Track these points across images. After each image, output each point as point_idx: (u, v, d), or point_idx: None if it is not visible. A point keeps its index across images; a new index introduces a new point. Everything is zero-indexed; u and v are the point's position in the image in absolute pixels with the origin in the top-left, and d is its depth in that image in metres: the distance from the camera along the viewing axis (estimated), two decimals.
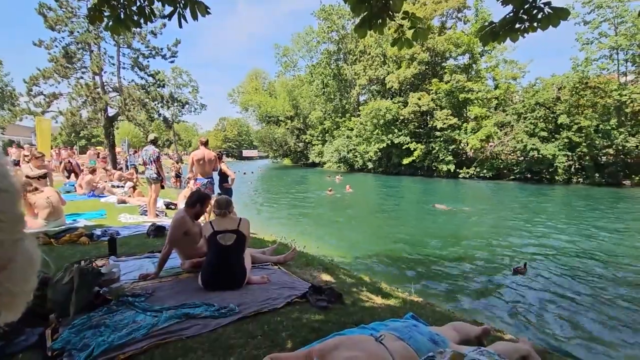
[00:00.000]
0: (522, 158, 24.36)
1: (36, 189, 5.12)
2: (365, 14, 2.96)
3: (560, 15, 2.42)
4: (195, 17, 2.84)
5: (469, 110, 27.48)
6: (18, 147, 14.41)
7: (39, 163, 7.61)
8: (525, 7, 2.48)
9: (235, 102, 61.26)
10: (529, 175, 23.96)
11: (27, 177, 6.23)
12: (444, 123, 27.39)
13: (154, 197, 6.75)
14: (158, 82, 23.18)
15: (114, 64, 21.08)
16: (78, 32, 18.64)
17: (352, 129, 36.17)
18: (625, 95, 20.09)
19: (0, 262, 0.37)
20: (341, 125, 39.09)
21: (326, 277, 3.73)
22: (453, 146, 27.79)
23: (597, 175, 21.21)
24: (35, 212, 5.06)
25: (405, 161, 29.80)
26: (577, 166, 22.16)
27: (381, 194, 19.92)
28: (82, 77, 19.69)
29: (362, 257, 7.43)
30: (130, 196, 9.36)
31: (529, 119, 23.94)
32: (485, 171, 25.90)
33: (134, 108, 21.21)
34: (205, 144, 6.50)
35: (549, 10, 2.42)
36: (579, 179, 21.99)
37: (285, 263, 3.97)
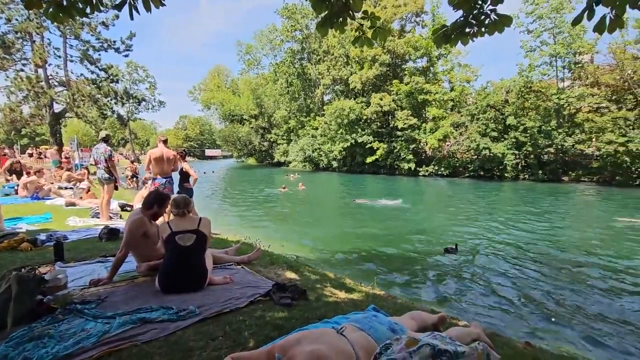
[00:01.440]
0: (476, 157, 25.92)
1: None
2: (326, 12, 2.99)
3: (504, 22, 2.61)
4: (148, 9, 2.70)
5: (428, 111, 28.75)
6: None
7: None
8: (474, 12, 2.65)
9: (196, 99, 59.22)
10: (481, 173, 25.56)
11: None
12: (405, 123, 28.42)
13: (106, 199, 6.35)
14: (111, 77, 21.82)
15: (60, 56, 19.52)
16: (17, 20, 17.01)
17: (316, 128, 36.39)
18: (563, 99, 22.07)
19: None
20: (306, 125, 39.18)
21: (291, 275, 3.73)
22: (413, 145, 28.92)
23: (540, 172, 23.09)
24: None
25: (369, 160, 30.53)
26: (523, 164, 23.97)
27: (337, 191, 20.25)
28: (22, 70, 18.04)
29: (328, 254, 7.52)
30: (81, 198, 8.72)
31: (481, 120, 25.53)
32: (443, 169, 27.24)
33: (84, 104, 19.79)
34: (165, 142, 6.22)
35: (495, 17, 2.60)
36: (525, 176, 23.80)
37: (249, 263, 3.91)
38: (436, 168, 27.63)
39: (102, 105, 21.19)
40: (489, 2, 2.61)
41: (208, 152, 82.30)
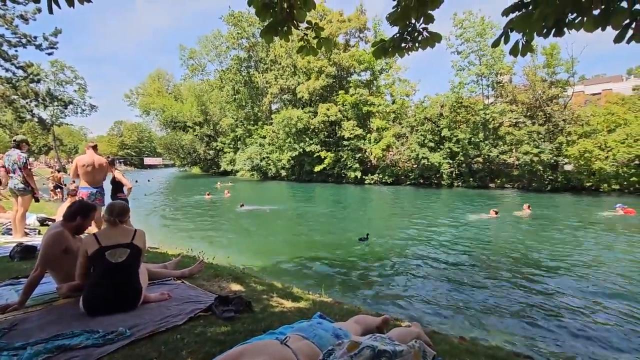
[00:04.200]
0: (416, 165, 27.67)
1: None
2: (270, 20, 3.01)
3: (435, 38, 2.87)
4: (71, 4, 2.47)
5: (372, 122, 30.12)
6: None
7: None
8: (409, 29, 2.87)
9: (134, 104, 55.08)
10: (421, 181, 27.32)
11: None
12: (351, 133, 29.42)
13: (21, 212, 5.57)
14: (31, 77, 19.45)
15: None
16: None
17: (264, 137, 36.04)
18: (488, 114, 24.64)
19: None
20: (254, 133, 38.61)
21: (236, 287, 3.59)
22: (359, 155, 30.00)
23: (471, 179, 25.36)
24: None
25: (317, 169, 30.95)
26: (456, 172, 26.13)
27: (275, 200, 20.29)
28: None
29: (276, 263, 7.41)
30: None
31: (420, 132, 27.42)
32: (386, 177, 28.60)
33: None
34: (95, 148, 5.66)
35: (427, 34, 2.84)
36: (459, 183, 25.95)
37: (190, 276, 3.69)
38: (381, 176, 28.93)
39: (19, 108, 18.75)
40: (421, 21, 2.84)
41: (147, 161, 76.80)
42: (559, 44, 22.91)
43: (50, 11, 2.63)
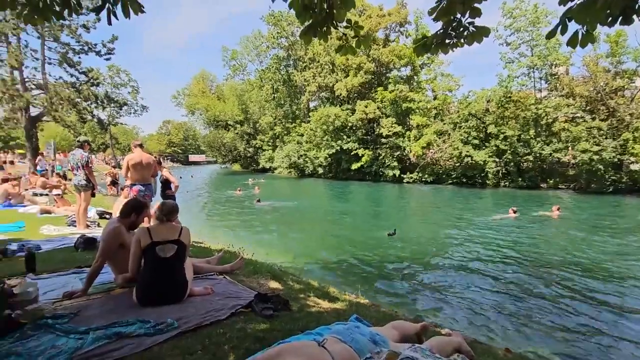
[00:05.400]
0: (458, 164, 26.46)
1: None
2: (310, 21, 3.01)
3: (482, 33, 2.70)
4: (127, 15, 2.65)
5: (412, 119, 29.24)
6: None
7: None
8: (453, 24, 2.73)
9: (180, 104, 58.20)
10: (464, 180, 26.09)
11: None
12: (389, 130, 28.81)
13: (83, 206, 6.14)
14: (92, 81, 21.27)
15: (37, 59, 18.93)
16: None
17: (302, 135, 36.42)
18: (541, 109, 22.87)
19: None
20: (292, 131, 39.17)
21: (274, 285, 3.68)
22: (398, 152, 29.30)
23: (520, 179, 23.75)
24: None
25: (354, 167, 30.72)
26: (503, 171, 24.61)
27: (308, 197, 20.36)
28: None
29: (310, 261, 7.49)
30: (55, 205, 8.41)
31: (463, 128, 26.15)
32: (426, 176, 27.68)
33: (62, 108, 19.18)
34: (141, 146, 5.87)
35: (473, 29, 2.68)
36: (506, 183, 24.43)
37: (231, 272, 3.84)
38: (420, 175, 28.06)
39: (81, 109, 20.60)
40: (467, 15, 2.68)
41: (192, 158, 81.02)
42: (626, 31, 20.60)
43: (109, 22, 2.85)
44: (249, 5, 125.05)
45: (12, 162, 13.81)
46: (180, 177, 30.15)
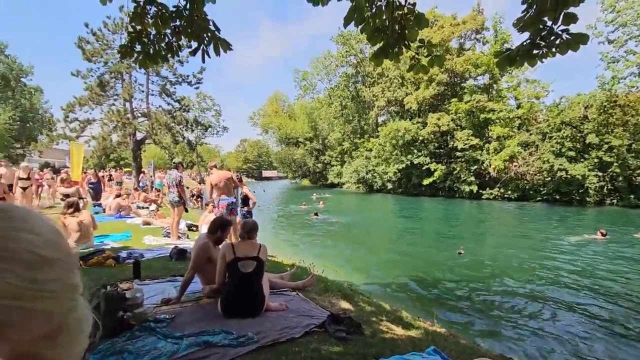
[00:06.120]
0: (549, 179, 23.47)
1: (76, 210, 5.37)
2: (381, 43, 3.03)
3: (579, 40, 2.40)
4: (217, 53, 3.00)
5: (491, 130, 27.03)
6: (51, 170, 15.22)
7: (67, 185, 8.36)
8: (543, 34, 2.48)
9: (256, 124, 62.89)
10: (557, 197, 23.00)
11: (64, 197, 6.59)
12: (465, 143, 27.02)
13: (176, 220, 6.93)
14: (183, 107, 24.28)
15: (143, 91, 22.33)
16: (112, 62, 19.98)
17: (370, 150, 36.24)
18: None
19: (47, 333, 0.36)
20: (360, 146, 39.28)
21: (345, 305, 3.67)
22: (475, 167, 27.20)
23: (632, 196, 20.08)
24: (68, 234, 5.30)
25: (426, 182, 29.35)
26: (609, 187, 21.09)
27: (377, 213, 19.67)
28: (114, 104, 20.91)
29: (380, 281, 7.28)
30: (154, 217, 9.65)
31: (555, 139, 23.25)
32: (509, 192, 25.12)
33: (160, 132, 22.19)
34: (216, 166, 6.42)
35: (567, 36, 2.40)
36: (613, 201, 20.88)
37: (304, 289, 3.94)
38: (502, 191, 25.56)
39: (175, 133, 23.59)
40: (559, 22, 2.42)
41: (265, 173, 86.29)
42: None
43: (203, 60, 3.26)
44: (320, 29, 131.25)
45: (110, 178, 16.45)
46: (254, 192, 32.27)
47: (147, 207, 11.34)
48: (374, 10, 2.82)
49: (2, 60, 33.37)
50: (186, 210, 7.21)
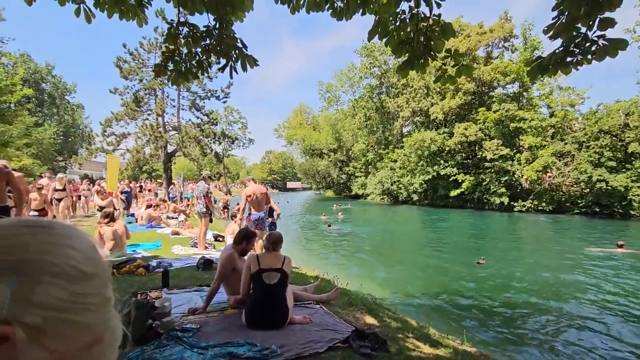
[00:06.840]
0: (588, 190, 22.15)
1: (112, 220, 5.65)
2: (407, 55, 3.02)
3: (617, 46, 2.27)
4: (245, 69, 3.10)
5: (522, 140, 26.00)
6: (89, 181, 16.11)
7: (102, 196, 8.83)
8: (577, 40, 2.37)
9: (281, 136, 64.07)
10: (597, 209, 21.60)
11: (100, 209, 6.96)
12: (494, 154, 26.10)
13: (203, 231, 7.10)
14: (212, 121, 25.16)
15: (174, 106, 23.38)
16: (146, 79, 21.14)
17: (395, 161, 35.80)
18: None
19: (86, 344, 0.38)
20: (384, 157, 38.92)
21: (370, 320, 3.58)
22: (506, 177, 26.14)
23: None
24: (103, 243, 5.57)
25: (453, 193, 28.52)
26: None
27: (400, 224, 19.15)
28: (147, 119, 22.03)
29: (406, 295, 7.07)
30: (182, 227, 9.95)
31: (593, 148, 22.02)
32: (544, 204, 23.87)
33: (189, 145, 23.06)
34: (253, 180, 6.60)
35: (604, 42, 2.29)
36: None
37: (327, 302, 3.89)
38: (535, 203, 24.34)
39: (203, 145, 24.44)
40: (595, 28, 2.31)
41: (289, 185, 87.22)
42: None
43: (231, 76, 3.38)
44: (344, 42, 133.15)
45: (141, 190, 17.31)
46: (278, 203, 32.63)
47: (176, 218, 11.71)
48: (398, 23, 2.82)
49: (49, 81, 36.19)
50: (210, 221, 7.38)
